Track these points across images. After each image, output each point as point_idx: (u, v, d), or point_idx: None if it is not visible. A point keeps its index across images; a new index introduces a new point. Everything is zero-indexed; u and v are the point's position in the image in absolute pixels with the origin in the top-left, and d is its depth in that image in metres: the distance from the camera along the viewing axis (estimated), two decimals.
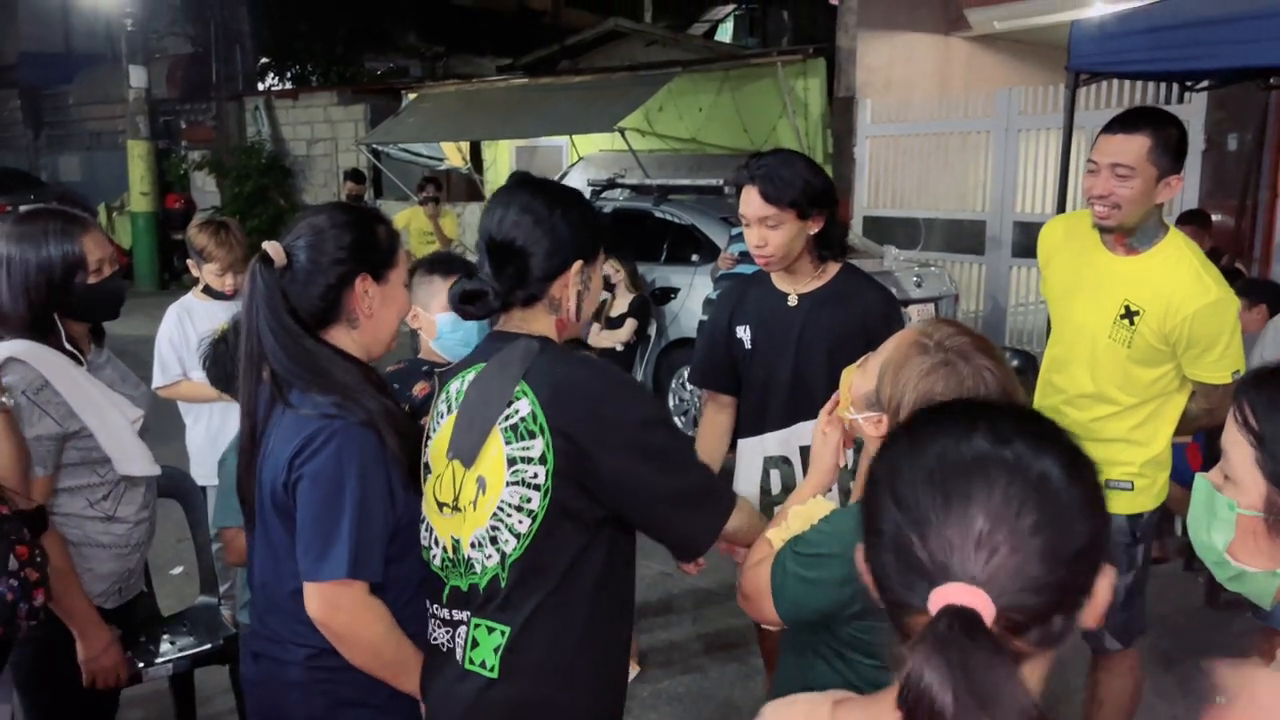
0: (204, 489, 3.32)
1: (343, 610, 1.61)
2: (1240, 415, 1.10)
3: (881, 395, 1.57)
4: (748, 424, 2.61)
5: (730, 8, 19.80)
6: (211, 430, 3.63)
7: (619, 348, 6.64)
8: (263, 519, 1.73)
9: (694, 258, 7.00)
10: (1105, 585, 0.87)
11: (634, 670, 2.42)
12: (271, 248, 1.70)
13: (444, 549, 1.65)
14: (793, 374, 2.47)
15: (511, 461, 1.55)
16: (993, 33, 10.04)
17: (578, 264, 1.65)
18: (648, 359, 6.83)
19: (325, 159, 14.22)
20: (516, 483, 1.55)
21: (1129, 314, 2.41)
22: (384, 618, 1.64)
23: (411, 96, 13.07)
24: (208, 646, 2.93)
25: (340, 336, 1.74)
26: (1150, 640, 3.90)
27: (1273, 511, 1.03)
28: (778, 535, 1.66)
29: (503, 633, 1.57)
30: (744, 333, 2.59)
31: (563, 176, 10.90)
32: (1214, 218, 6.58)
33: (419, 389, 2.35)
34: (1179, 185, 2.40)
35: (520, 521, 1.55)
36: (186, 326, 3.56)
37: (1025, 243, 8.29)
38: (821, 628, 1.61)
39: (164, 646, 2.94)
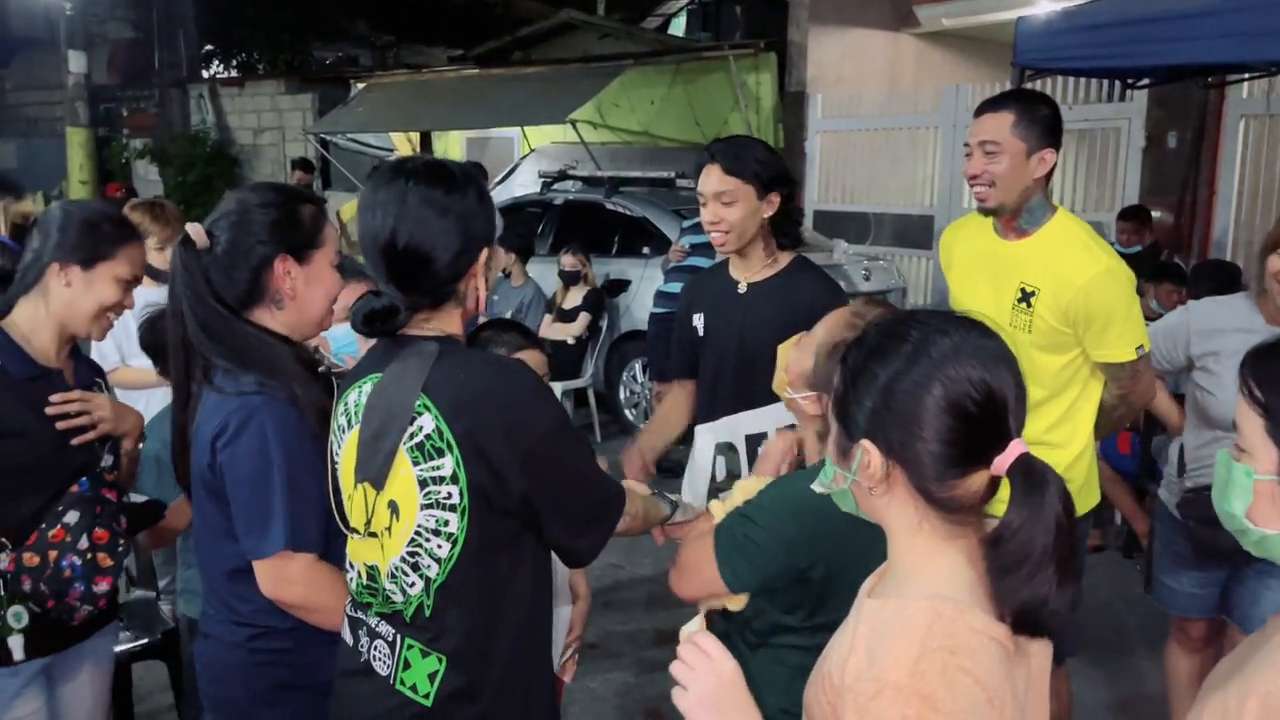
0: None
1: (294, 583, 1.61)
2: (1246, 389, 1.17)
3: (817, 375, 1.60)
4: (702, 410, 2.62)
5: (684, 1, 19.81)
6: (149, 419, 3.54)
7: (571, 341, 6.62)
8: (198, 502, 1.72)
9: (645, 250, 7.00)
10: None
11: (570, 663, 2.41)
12: (193, 230, 1.69)
13: (359, 574, 1.54)
14: (738, 361, 2.48)
15: (423, 484, 1.43)
16: (941, 29, 10.17)
17: (484, 253, 1.51)
18: (599, 351, 6.82)
19: (272, 148, 13.97)
20: (431, 505, 1.44)
21: (1025, 297, 2.40)
22: (339, 582, 1.63)
23: (360, 86, 12.90)
24: (144, 641, 2.86)
25: (266, 317, 1.72)
26: (1089, 624, 3.97)
27: None
28: (720, 509, 1.67)
29: (440, 659, 1.46)
30: (699, 320, 2.61)
31: (514, 168, 10.84)
32: (1154, 214, 6.74)
33: None
34: (1052, 159, 2.37)
35: (440, 546, 1.44)
36: (125, 312, 3.47)
37: None
38: (745, 619, 1.63)
39: None
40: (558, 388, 6.53)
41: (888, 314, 1.64)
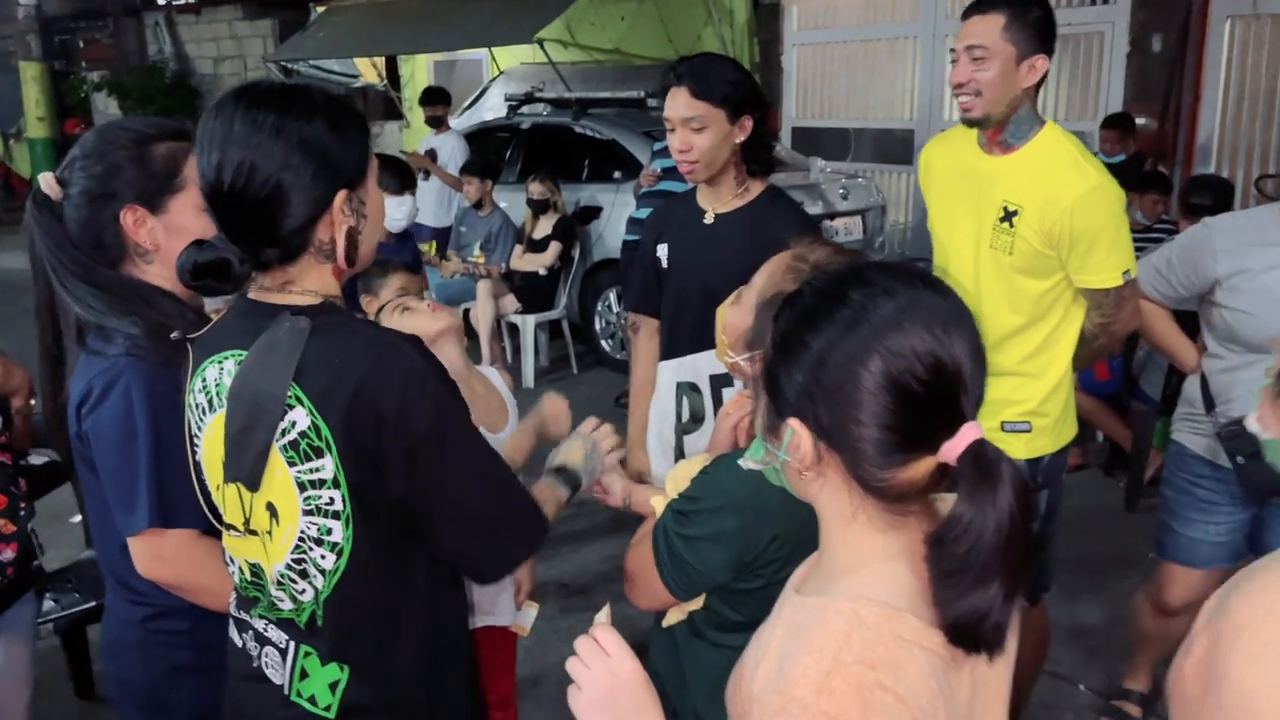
0: None
1: (167, 561, 1.48)
2: None
3: (754, 332, 1.46)
4: (664, 347, 2.49)
5: None
6: None
7: (542, 272, 6.45)
8: (80, 469, 1.59)
9: (616, 174, 6.78)
10: None
11: (532, 610, 2.32)
12: (44, 180, 1.53)
13: (242, 570, 1.37)
14: (703, 296, 2.33)
15: (301, 486, 1.25)
16: None
17: (341, 194, 1.25)
18: (571, 281, 6.66)
19: (233, 78, 13.52)
20: (312, 511, 1.25)
21: (1008, 216, 2.24)
22: (221, 559, 1.49)
23: (320, 9, 12.44)
24: (93, 604, 2.77)
25: (137, 272, 1.56)
26: (1070, 542, 3.94)
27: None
28: (661, 503, 1.53)
29: (341, 668, 1.30)
30: (663, 251, 2.45)
31: (484, 91, 10.51)
32: (1138, 121, 6.55)
33: None
34: (1044, 67, 2.20)
35: (324, 557, 1.27)
36: None
37: None
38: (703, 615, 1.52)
39: (47, 604, 2.78)
40: (531, 320, 6.40)
41: (832, 251, 1.48)
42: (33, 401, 1.99)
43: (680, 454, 2.47)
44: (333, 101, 1.28)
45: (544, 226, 6.50)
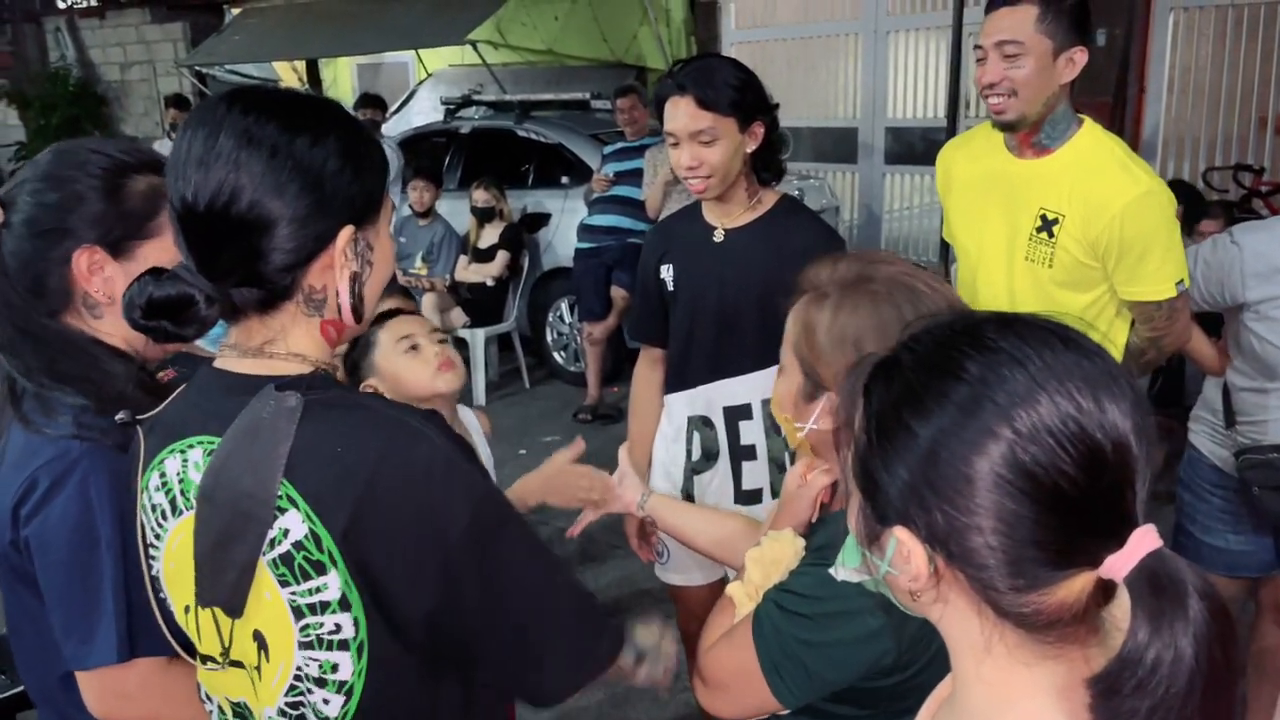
0: None
1: (131, 700, 1.20)
2: None
3: (811, 372, 1.22)
4: (672, 377, 2.26)
5: None
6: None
7: (490, 283, 6.15)
8: (8, 587, 1.27)
9: (564, 179, 6.52)
10: None
11: None
12: None
13: (222, 710, 1.13)
14: (717, 322, 2.12)
15: (298, 613, 0.99)
16: None
17: (347, 231, 1.01)
18: (521, 292, 6.37)
19: (143, 84, 12.92)
20: (311, 644, 1.00)
21: (1046, 224, 2.06)
22: (195, 688, 1.22)
23: (236, 11, 11.92)
24: (21, 689, 2.41)
25: (83, 326, 1.27)
26: None
27: None
28: (740, 592, 1.29)
29: None
30: (667, 273, 2.21)
31: (411, 95, 10.14)
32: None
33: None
34: (1083, 59, 2.02)
35: (326, 701, 1.01)
36: None
37: (898, 149, 8.14)
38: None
39: None
40: (480, 334, 6.10)
41: (842, 261, 1.25)
42: None
43: (689, 496, 2.23)
44: (347, 120, 1.05)
45: (490, 235, 6.21)
